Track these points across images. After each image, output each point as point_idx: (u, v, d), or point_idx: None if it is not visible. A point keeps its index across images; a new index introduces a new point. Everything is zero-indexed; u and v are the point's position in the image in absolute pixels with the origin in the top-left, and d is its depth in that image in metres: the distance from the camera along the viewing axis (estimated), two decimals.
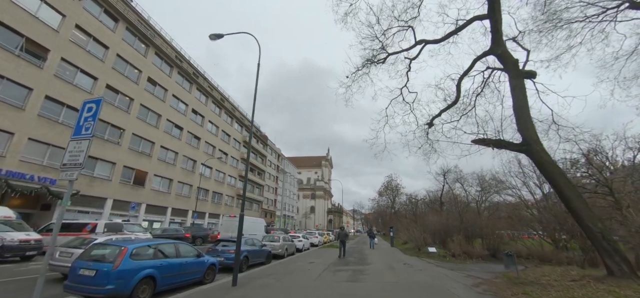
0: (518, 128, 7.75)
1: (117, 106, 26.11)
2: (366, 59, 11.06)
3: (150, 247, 7.33)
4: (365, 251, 20.31)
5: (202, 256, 9.08)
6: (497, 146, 8.27)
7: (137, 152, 28.33)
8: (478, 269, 12.66)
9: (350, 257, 17.13)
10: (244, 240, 12.72)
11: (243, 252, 11.88)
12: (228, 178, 45.92)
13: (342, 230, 18.48)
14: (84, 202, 23.12)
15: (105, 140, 24.96)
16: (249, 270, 11.94)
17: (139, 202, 28.31)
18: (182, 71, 35.47)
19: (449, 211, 27.46)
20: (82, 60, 23.10)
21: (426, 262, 14.77)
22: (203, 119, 39.66)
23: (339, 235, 17.98)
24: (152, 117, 30.36)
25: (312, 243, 28.14)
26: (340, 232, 18.25)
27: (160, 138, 31.25)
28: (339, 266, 12.59)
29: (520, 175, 28.97)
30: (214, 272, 9.64)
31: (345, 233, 17.82)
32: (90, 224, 15.50)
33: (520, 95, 7.64)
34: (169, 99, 32.87)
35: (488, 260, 19.25)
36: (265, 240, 17.10)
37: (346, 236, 17.85)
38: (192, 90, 37.44)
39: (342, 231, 18.17)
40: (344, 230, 18.47)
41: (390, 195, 53.25)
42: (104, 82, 24.84)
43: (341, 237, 17.43)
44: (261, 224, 22.60)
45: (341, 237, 17.46)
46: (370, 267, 12.38)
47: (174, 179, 33.20)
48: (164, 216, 31.85)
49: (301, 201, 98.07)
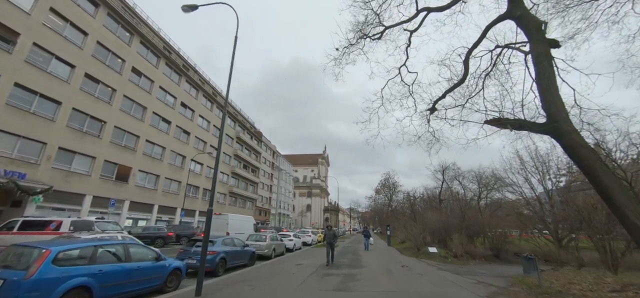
0: (542, 104, 6.39)
1: (97, 97, 24.48)
2: (359, 30, 9.64)
3: (85, 249, 5.86)
4: (359, 251, 18.95)
5: (162, 259, 7.64)
6: (516, 127, 6.89)
7: (121, 146, 26.73)
8: (485, 272, 11.33)
9: (343, 257, 15.72)
10: (222, 240, 11.29)
11: (219, 254, 10.45)
12: (220, 175, 44.32)
13: (330, 229, 14.18)
14: (60, 199, 21.54)
15: (84, 132, 23.35)
16: (227, 274, 10.52)
17: (122, 199, 26.73)
18: (171, 62, 33.84)
19: (450, 208, 26.19)
20: (58, 46, 21.47)
21: (426, 264, 13.40)
22: (193, 113, 38.05)
23: (326, 235, 13.96)
24: (137, 110, 28.75)
25: (304, 243, 26.76)
26: (328, 231, 14.02)
27: (146, 132, 29.66)
28: (329, 269, 11.20)
29: (522, 172, 27.99)
30: (179, 277, 8.21)
31: (334, 234, 13.84)
32: (54, 222, 13.99)
33: (545, 64, 6.27)
34: (156, 91, 31.25)
35: (492, 260, 17.99)
36: (251, 240, 15.65)
37: (335, 237, 13.90)
38: (181, 82, 35.82)
39: (330, 231, 14.02)
40: (332, 230, 14.11)
41: (388, 193, 52.04)
42: (82, 71, 23.21)
43: (329, 238, 13.66)
44: (250, 222, 21.18)
45: (329, 238, 13.69)
46: (364, 270, 10.99)
47: (161, 175, 31.62)
48: (150, 214, 30.28)
49: (297, 199, 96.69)
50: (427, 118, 11.31)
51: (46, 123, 20.62)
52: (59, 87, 21.47)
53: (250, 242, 15.47)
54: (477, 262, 16.52)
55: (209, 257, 10.07)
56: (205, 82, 42.73)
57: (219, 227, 17.79)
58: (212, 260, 10.07)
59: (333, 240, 13.65)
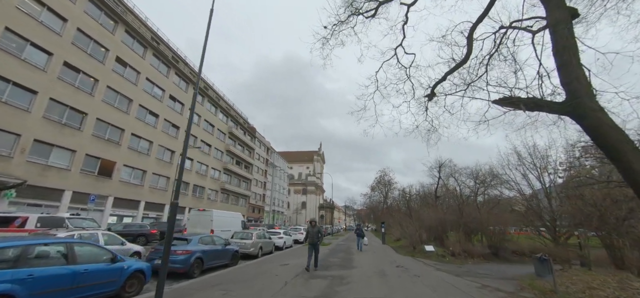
0: (561, 79, 5.45)
1: (77, 87, 23.18)
2: (350, 4, 8.64)
3: (9, 249, 4.80)
4: (352, 250, 18.01)
5: (119, 260, 6.59)
6: (530, 107, 5.95)
7: (104, 140, 25.47)
8: (487, 273, 10.45)
9: (334, 257, 14.74)
10: (199, 239, 10.25)
11: (195, 253, 9.42)
12: (211, 171, 43.15)
13: (313, 225, 11.32)
14: (36, 194, 20.32)
15: (63, 124, 22.08)
16: (204, 275, 9.49)
17: (105, 195, 25.51)
18: (159, 53, 32.52)
19: (446, 205, 25.38)
20: (33, 32, 20.18)
21: (423, 264, 12.49)
22: (183, 107, 36.75)
23: (308, 234, 11.18)
24: (121, 102, 27.46)
25: (296, 240, 25.78)
26: (311, 228, 11.14)
27: (132, 125, 28.39)
28: (316, 271, 10.21)
29: (520, 168, 27.29)
30: (142, 281, 7.18)
31: (319, 231, 11.02)
32: (19, 218, 12.86)
33: (565, 34, 5.33)
34: (142, 83, 29.95)
35: (490, 259, 17.18)
36: (237, 238, 14.61)
37: (320, 236, 11.06)
38: (170, 74, 34.51)
39: (313, 227, 11.18)
40: (316, 227, 11.24)
41: (383, 190, 51.26)
42: (61, 59, 21.91)
43: (311, 237, 10.97)
44: (237, 219, 20.14)
45: (312, 237, 10.98)
46: (355, 272, 10.02)
47: (147, 170, 30.40)
48: (136, 210, 29.09)
49: (292, 196, 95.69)
50: (425, 106, 10.36)
51: (20, 113, 19.35)
52: (34, 76, 20.18)
53: (236, 240, 14.44)
54: (475, 261, 15.70)
55: (183, 257, 9.07)
56: (196, 75, 41.35)
57: (203, 224, 16.73)
58: (185, 260, 9.05)
59: (317, 240, 10.90)
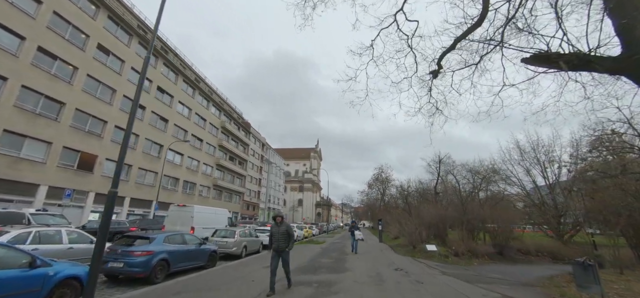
0: (616, 28, 4.13)
1: (54, 74, 21.60)
2: None
3: None
4: (346, 249, 16.63)
5: (42, 265, 5.18)
6: (573, 65, 4.60)
7: (84, 132, 23.93)
8: (498, 277, 9.13)
9: (325, 257, 13.32)
10: (165, 237, 8.84)
11: (158, 254, 8.01)
12: (203, 167, 41.61)
13: (279, 222, 7.46)
14: (6, 189, 18.85)
15: (37, 114, 20.52)
16: (170, 280, 8.10)
17: (86, 191, 23.99)
18: (145, 42, 30.87)
19: (448, 200, 24.12)
20: (3, 13, 18.59)
21: (425, 266, 11.15)
22: (172, 99, 35.17)
23: (271, 236, 7.45)
24: (104, 92, 25.89)
25: None
26: (275, 227, 7.39)
27: (115, 117, 26.83)
28: (301, 275, 8.83)
29: (523, 163, 26.05)
30: (77, 290, 5.73)
31: (286, 232, 7.33)
32: None
33: None
34: (127, 72, 28.36)
35: (496, 259, 15.90)
36: (218, 236, 13.20)
37: (289, 239, 7.35)
38: (158, 65, 32.93)
39: (279, 225, 7.39)
40: (283, 225, 7.44)
41: (380, 187, 50.00)
42: (34, 44, 20.34)
43: (277, 242, 7.25)
44: (223, 215, 18.72)
45: (277, 240, 7.27)
46: (346, 277, 8.61)
47: (133, 165, 28.89)
48: (121, 207, 27.62)
49: (289, 194, 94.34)
50: (430, 85, 8.98)
51: None
52: (5, 61, 18.64)
53: (217, 238, 13.02)
54: (480, 261, 14.42)
55: (142, 259, 7.66)
56: (187, 67, 39.81)
57: (183, 221, 15.29)
58: (145, 263, 7.64)
59: (285, 244, 7.20)
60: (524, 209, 25.71)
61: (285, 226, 7.42)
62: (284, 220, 7.66)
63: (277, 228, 7.40)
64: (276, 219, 7.59)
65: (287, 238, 7.36)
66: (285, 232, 7.34)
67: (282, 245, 7.31)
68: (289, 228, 7.42)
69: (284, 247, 7.31)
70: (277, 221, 7.51)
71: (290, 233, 7.39)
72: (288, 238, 7.38)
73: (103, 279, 8.17)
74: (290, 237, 7.41)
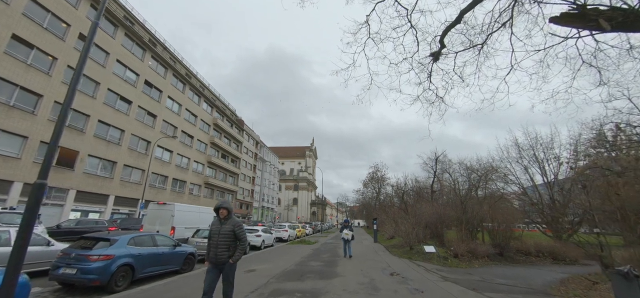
0: None
1: (31, 65, 20.33)
2: None
3: None
4: (339, 250, 15.69)
5: None
6: (617, 24, 3.67)
7: (64, 126, 22.60)
8: (507, 282, 8.21)
9: (315, 260, 12.34)
10: (131, 239, 7.79)
11: (119, 259, 6.97)
12: (194, 165, 40.37)
13: (224, 217, 4.99)
14: None
15: (11, 106, 19.25)
16: (136, 287, 7.07)
17: (66, 188, 22.74)
18: (132, 34, 29.63)
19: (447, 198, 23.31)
20: None
21: (424, 270, 10.22)
22: (161, 94, 33.89)
23: (209, 236, 5.00)
24: (86, 85, 24.62)
25: (279, 238, 23.39)
26: (216, 224, 4.98)
27: (99, 111, 25.57)
28: (285, 282, 7.84)
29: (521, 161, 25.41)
30: None
31: (231, 232, 4.89)
32: None
33: None
34: (112, 65, 27.09)
35: (497, 260, 15.07)
36: (199, 237, 12.16)
37: (234, 243, 4.90)
38: (145, 58, 31.62)
39: (223, 221, 4.97)
40: (230, 220, 5.00)
41: (376, 186, 49.15)
42: (8, 32, 19.07)
43: (214, 248, 4.84)
44: (209, 215, 17.62)
45: (214, 245, 4.85)
46: (336, 284, 7.58)
47: (118, 162, 27.61)
48: (105, 205, 26.34)
49: (283, 192, 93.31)
50: (429, 71, 8.04)
51: None
52: None
53: (198, 239, 12.00)
54: (481, 263, 13.56)
55: (98, 264, 6.61)
56: (177, 61, 38.53)
57: (162, 220, 14.19)
58: (103, 269, 6.60)
59: (228, 253, 4.83)
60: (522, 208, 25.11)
61: (232, 224, 4.92)
62: (232, 215, 5.10)
63: (219, 226, 4.91)
64: (219, 212, 5.00)
65: (231, 243, 4.84)
66: (230, 233, 4.85)
67: (222, 254, 4.74)
68: (237, 228, 4.93)
69: (225, 257, 4.75)
70: (221, 215, 4.97)
71: (239, 236, 4.91)
72: (233, 242, 4.87)
73: (56, 287, 7.13)
74: (239, 241, 4.91)
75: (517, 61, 6.92)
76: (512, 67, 7.46)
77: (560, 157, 22.92)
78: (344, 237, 13.60)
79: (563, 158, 22.53)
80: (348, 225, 13.98)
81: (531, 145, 24.49)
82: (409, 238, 16.60)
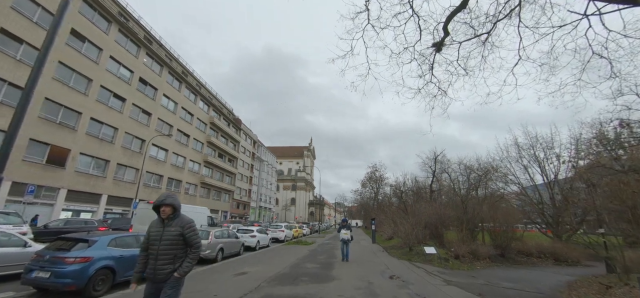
0: None
1: (20, 60, 19.75)
2: None
3: None
4: (337, 251, 15.22)
5: None
6: None
7: (55, 123, 22.07)
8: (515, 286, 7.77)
9: (311, 261, 11.86)
10: (111, 240, 7.29)
11: (98, 261, 6.47)
12: (190, 164, 39.80)
13: (167, 215, 3.58)
14: None
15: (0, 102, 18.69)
16: (112, 293, 6.57)
17: (56, 187, 22.14)
18: (126, 30, 29.04)
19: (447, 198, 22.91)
20: None
21: (425, 272, 9.75)
22: (156, 92, 33.31)
23: (147, 238, 3.65)
24: (78, 81, 24.01)
25: (276, 239, 22.88)
26: (163, 222, 3.62)
27: (91, 108, 24.98)
28: (277, 286, 7.35)
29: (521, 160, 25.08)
30: None
31: (179, 236, 3.54)
32: None
33: None
34: (105, 62, 26.48)
35: (498, 261, 14.67)
36: None
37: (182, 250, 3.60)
38: (140, 55, 31.01)
39: (168, 221, 3.60)
40: (178, 219, 3.62)
41: (374, 186, 48.76)
42: None
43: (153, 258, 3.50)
44: (201, 214, 17.16)
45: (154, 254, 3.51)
46: (330, 288, 7.10)
47: (111, 160, 27.02)
48: (97, 205, 25.75)
49: (281, 192, 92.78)
50: (431, 63, 7.59)
51: None
52: None
53: None
54: (483, 264, 13.14)
55: (75, 267, 6.11)
56: (173, 59, 37.97)
57: (151, 221, 13.66)
58: (80, 272, 6.10)
59: (171, 266, 3.49)
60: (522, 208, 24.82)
61: (180, 225, 3.57)
62: (179, 214, 3.69)
63: (160, 229, 3.57)
64: (161, 211, 3.59)
65: (179, 252, 3.53)
66: (177, 238, 3.52)
67: (163, 268, 3.43)
68: (187, 230, 3.57)
69: (167, 271, 3.44)
70: (163, 215, 3.57)
71: (191, 241, 3.58)
72: (182, 251, 3.56)
73: (30, 292, 6.62)
74: (191, 248, 3.59)
75: (525, 51, 6.48)
76: (520, 57, 7.04)
77: (561, 156, 22.65)
78: (343, 238, 12.54)
79: (564, 157, 22.26)
80: (346, 225, 12.89)
81: (531, 145, 24.20)
82: (409, 239, 16.16)
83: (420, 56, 7.67)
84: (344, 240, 12.48)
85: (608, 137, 15.35)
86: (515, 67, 7.08)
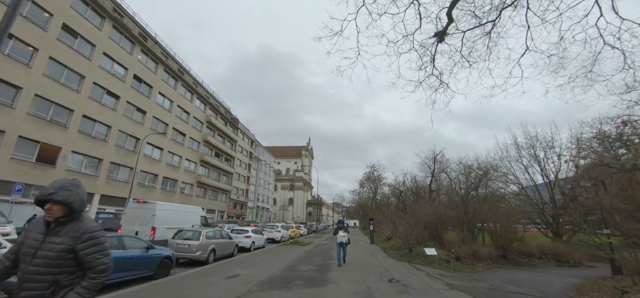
0: None
1: (8, 55, 19.19)
2: None
3: None
4: (333, 252, 14.78)
5: None
6: None
7: (45, 121, 21.50)
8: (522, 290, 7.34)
9: (306, 263, 11.42)
10: None
11: None
12: (185, 163, 39.25)
13: (52, 216, 2.14)
14: None
15: None
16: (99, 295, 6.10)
17: (46, 185, 21.55)
18: (121, 26, 28.49)
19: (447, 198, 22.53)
20: None
21: (426, 275, 9.32)
22: (151, 90, 32.74)
23: (21, 243, 2.19)
24: (70, 77, 23.44)
25: (271, 239, 22.41)
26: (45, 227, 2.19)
27: (84, 105, 24.42)
28: (268, 290, 6.88)
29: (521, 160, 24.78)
30: None
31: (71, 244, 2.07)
32: None
33: None
34: (98, 58, 25.93)
35: (500, 263, 14.29)
36: (179, 238, 11.16)
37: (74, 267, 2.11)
38: (135, 52, 30.44)
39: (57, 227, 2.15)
40: (66, 220, 2.17)
41: (372, 186, 48.35)
42: None
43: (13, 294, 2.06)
44: (195, 214, 16.68)
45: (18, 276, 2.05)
46: (327, 291, 6.68)
47: (104, 159, 26.46)
48: (89, 204, 25.17)
49: (279, 192, 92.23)
50: (432, 54, 7.17)
51: None
52: None
53: (179, 240, 10.99)
54: (485, 266, 12.75)
55: None
56: (169, 56, 37.42)
57: (142, 220, 13.16)
58: None
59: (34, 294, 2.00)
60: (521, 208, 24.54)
61: (73, 236, 2.14)
62: (82, 217, 2.30)
63: (40, 236, 2.16)
64: (46, 209, 2.21)
65: (65, 277, 2.08)
66: (63, 255, 2.09)
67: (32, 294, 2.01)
68: (83, 244, 2.14)
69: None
70: (48, 215, 2.19)
71: (88, 263, 2.14)
72: (69, 275, 2.11)
73: (2, 297, 6.13)
74: (88, 271, 2.14)
75: (534, 41, 6.07)
76: (527, 48, 6.62)
77: (562, 155, 22.36)
78: (340, 241, 11.31)
79: (565, 156, 21.97)
80: (343, 226, 11.82)
81: (531, 144, 23.91)
82: (408, 239, 15.74)
83: (420, 47, 7.25)
84: (341, 243, 11.38)
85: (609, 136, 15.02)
86: (522, 57, 6.66)
